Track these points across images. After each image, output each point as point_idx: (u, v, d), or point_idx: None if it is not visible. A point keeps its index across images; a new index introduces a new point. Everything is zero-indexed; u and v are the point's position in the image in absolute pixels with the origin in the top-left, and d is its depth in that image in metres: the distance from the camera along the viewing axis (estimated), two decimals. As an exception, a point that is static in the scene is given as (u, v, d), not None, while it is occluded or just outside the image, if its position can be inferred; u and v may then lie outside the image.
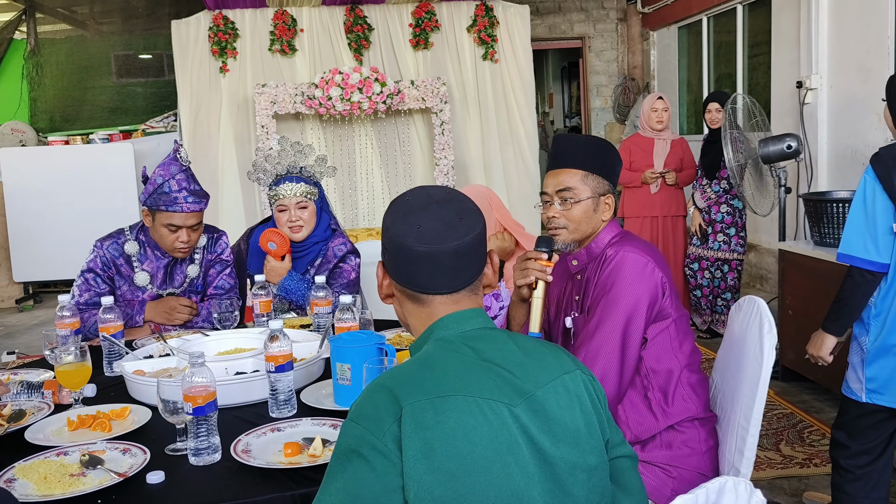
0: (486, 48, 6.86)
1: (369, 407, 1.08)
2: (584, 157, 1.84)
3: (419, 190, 1.27)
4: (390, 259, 1.23)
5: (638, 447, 1.80)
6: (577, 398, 1.17)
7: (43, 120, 7.83)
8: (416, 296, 1.23)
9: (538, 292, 1.73)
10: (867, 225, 2.10)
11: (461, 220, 1.21)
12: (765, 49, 5.93)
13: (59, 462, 1.52)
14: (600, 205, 1.85)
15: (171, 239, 2.54)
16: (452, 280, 1.21)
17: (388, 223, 1.23)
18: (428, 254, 1.18)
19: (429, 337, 1.21)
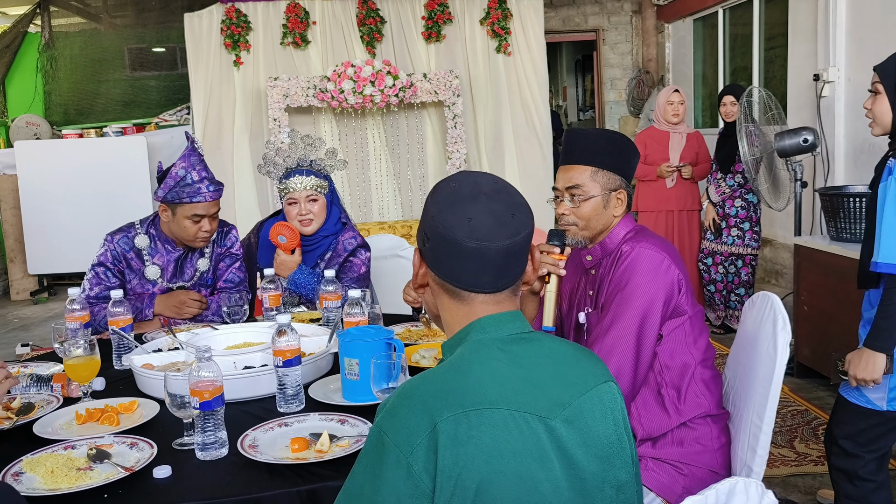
0: (499, 41, 6.82)
1: (400, 417, 1.03)
2: (595, 153, 1.81)
3: (465, 176, 1.19)
4: (432, 249, 1.16)
5: (649, 444, 1.78)
6: (610, 411, 1.13)
7: (57, 113, 7.87)
8: (456, 291, 1.16)
9: (551, 286, 1.70)
10: None
11: (513, 216, 1.14)
12: (781, 42, 5.86)
13: (66, 456, 1.52)
14: (611, 201, 1.82)
15: (195, 230, 2.56)
16: (497, 280, 1.14)
17: (434, 211, 1.14)
18: (477, 250, 1.11)
19: (464, 338, 1.15)
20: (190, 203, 2.52)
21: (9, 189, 7.00)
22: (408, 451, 0.99)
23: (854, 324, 3.54)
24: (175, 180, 2.52)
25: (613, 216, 1.84)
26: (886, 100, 2.06)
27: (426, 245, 1.17)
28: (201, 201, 2.52)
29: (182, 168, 2.52)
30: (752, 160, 4.39)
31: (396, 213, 6.83)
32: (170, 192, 2.52)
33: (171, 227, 2.59)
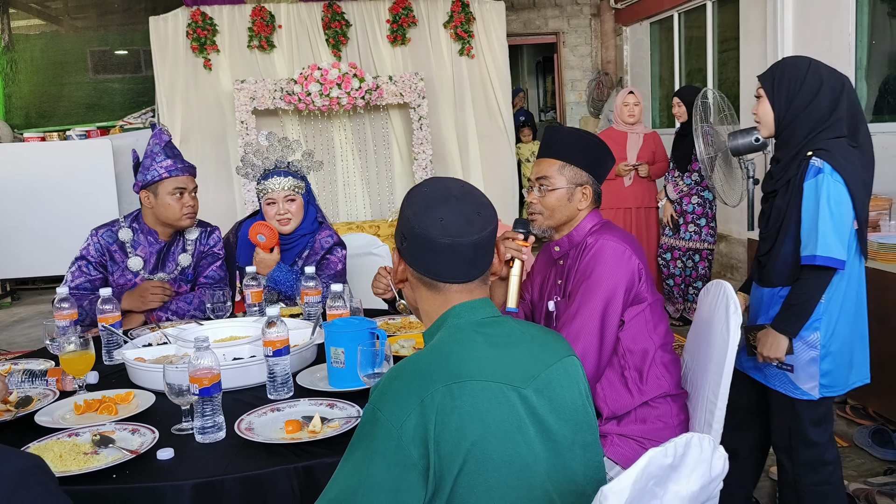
0: (462, 44, 6.96)
1: (390, 395, 1.16)
2: (565, 149, 1.96)
3: (436, 182, 1.36)
4: (410, 248, 1.31)
5: (615, 422, 1.92)
6: (575, 381, 1.29)
7: (18, 116, 7.80)
8: (433, 283, 1.31)
9: (515, 270, 1.84)
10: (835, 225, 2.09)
11: (479, 214, 1.30)
12: (734, 44, 6.10)
13: (71, 442, 1.61)
14: (576, 194, 1.97)
15: (179, 206, 2.68)
16: (469, 271, 1.30)
17: (410, 214, 1.30)
18: (450, 246, 1.27)
19: (442, 324, 1.30)
20: (170, 177, 2.66)
21: (-30, 193, 6.94)
22: (398, 424, 1.12)
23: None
24: (151, 158, 2.66)
25: (578, 209, 1.98)
26: (768, 103, 2.23)
27: (404, 244, 1.32)
28: (179, 175, 2.67)
29: (156, 145, 2.68)
30: (708, 159, 4.59)
31: (365, 214, 6.93)
32: (148, 172, 2.65)
33: (156, 213, 2.69)
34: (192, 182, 2.74)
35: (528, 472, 1.16)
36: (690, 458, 1.03)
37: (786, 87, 2.18)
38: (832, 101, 2.15)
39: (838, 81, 2.19)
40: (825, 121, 2.14)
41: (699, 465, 1.04)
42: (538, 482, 1.17)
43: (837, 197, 2.08)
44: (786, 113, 2.19)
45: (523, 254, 1.84)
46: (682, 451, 1.02)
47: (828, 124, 2.15)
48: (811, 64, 2.20)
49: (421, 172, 6.67)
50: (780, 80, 2.19)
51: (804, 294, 2.12)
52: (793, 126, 2.19)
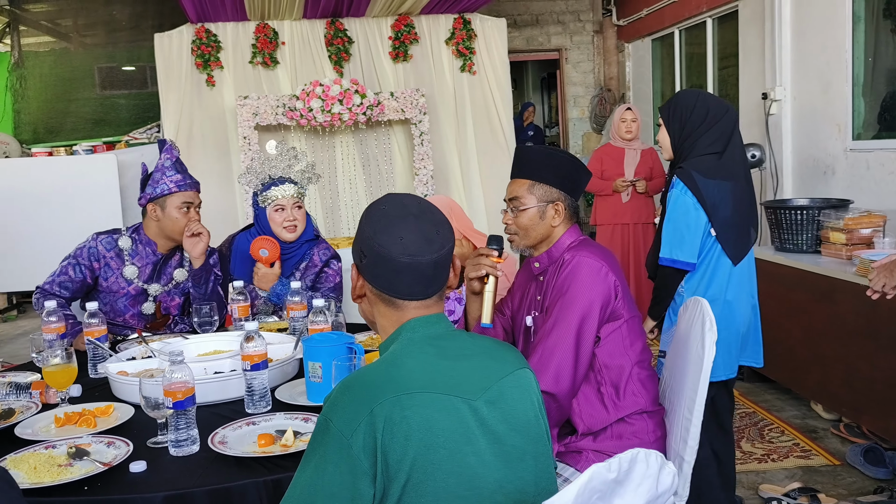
0: (464, 60, 7.01)
1: (341, 405, 1.18)
2: (533, 168, 1.98)
3: (393, 198, 1.37)
4: (369, 265, 1.32)
5: (591, 438, 1.93)
6: (527, 392, 1.30)
7: (27, 132, 7.89)
8: (391, 300, 1.33)
9: (489, 286, 1.86)
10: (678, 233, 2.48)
11: (438, 232, 1.32)
12: (733, 61, 6.12)
13: (47, 454, 1.64)
14: (547, 212, 1.98)
15: (185, 220, 2.75)
16: (427, 288, 1.32)
17: (369, 232, 1.31)
18: (410, 265, 1.29)
19: (397, 338, 1.32)
20: (179, 192, 2.73)
21: (-22, 207, 7.02)
22: (349, 434, 1.14)
23: (795, 329, 3.76)
24: (161, 172, 2.74)
25: (552, 226, 1.99)
26: (665, 130, 2.61)
27: (363, 261, 1.34)
28: (187, 190, 2.75)
29: (168, 160, 2.76)
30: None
31: (365, 229, 6.95)
32: (158, 185, 2.72)
33: (161, 226, 2.75)
34: (197, 197, 2.83)
35: (478, 482, 1.18)
36: (636, 474, 1.05)
37: (678, 116, 2.55)
38: (710, 125, 2.50)
39: (721, 109, 2.54)
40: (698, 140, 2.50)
41: (645, 481, 1.05)
42: (487, 493, 1.18)
43: (684, 208, 2.45)
44: (678, 137, 2.56)
45: (497, 270, 1.86)
46: (627, 467, 1.03)
47: (700, 143, 2.51)
48: (699, 96, 2.58)
49: (422, 188, 6.70)
50: (674, 111, 2.57)
51: (659, 287, 2.56)
52: (683, 148, 2.55)
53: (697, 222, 2.46)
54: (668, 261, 2.49)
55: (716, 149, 2.50)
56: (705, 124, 2.49)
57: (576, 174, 2.00)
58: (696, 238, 2.47)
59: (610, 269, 1.92)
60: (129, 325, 2.83)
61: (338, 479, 1.13)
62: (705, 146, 2.50)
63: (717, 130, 2.51)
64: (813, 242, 3.82)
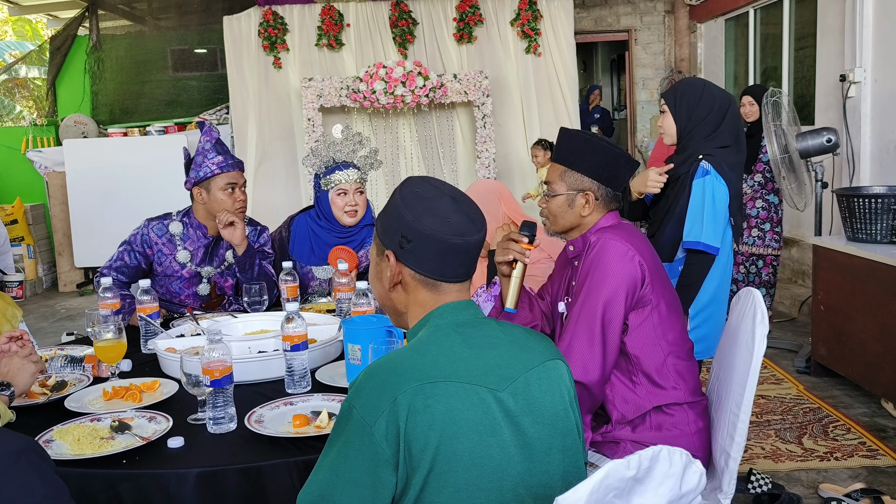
0: (529, 42, 6.92)
1: (365, 392, 1.17)
2: (568, 154, 1.92)
3: (421, 182, 1.33)
4: (415, 249, 1.28)
5: (629, 428, 1.88)
6: (556, 384, 1.26)
7: (104, 112, 8.17)
8: (435, 284, 1.30)
9: (517, 272, 1.82)
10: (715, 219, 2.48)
11: (476, 212, 1.32)
12: (811, 42, 5.85)
13: (92, 427, 1.68)
14: (577, 200, 1.92)
15: (231, 201, 2.76)
16: (469, 269, 1.32)
17: (410, 217, 1.27)
18: (462, 245, 1.27)
19: (425, 324, 1.30)
20: (221, 173, 2.74)
21: (58, 185, 7.32)
22: (371, 421, 1.13)
23: (868, 323, 3.59)
24: (203, 155, 2.76)
25: (581, 215, 1.93)
26: (671, 116, 2.62)
27: (404, 247, 1.29)
28: (230, 171, 2.76)
29: (207, 142, 2.77)
30: (781, 159, 4.40)
31: (426, 211, 6.97)
32: (200, 168, 2.75)
33: (208, 208, 2.78)
34: (241, 177, 2.83)
35: (500, 474, 1.15)
36: (658, 472, 1.00)
37: (686, 104, 2.59)
38: (720, 116, 2.56)
39: (726, 100, 2.60)
40: (714, 131, 2.55)
41: (667, 480, 1.01)
42: (510, 485, 1.16)
43: (720, 196, 2.49)
44: (686, 125, 2.59)
45: (526, 256, 1.82)
46: (648, 465, 0.99)
47: (715, 134, 2.56)
48: (706, 85, 2.64)
49: (484, 171, 6.66)
50: (681, 98, 2.60)
51: (694, 275, 2.50)
52: (690, 135, 2.59)
53: (725, 210, 2.52)
54: (701, 245, 2.47)
55: (728, 141, 2.57)
56: (712, 114, 2.57)
57: (614, 165, 1.92)
58: (722, 225, 2.52)
59: (637, 252, 1.84)
60: (185, 304, 2.89)
61: (359, 465, 1.13)
62: (719, 138, 2.56)
63: (728, 123, 2.58)
64: (888, 232, 3.63)
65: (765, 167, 4.68)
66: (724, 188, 2.50)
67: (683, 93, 2.60)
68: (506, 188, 2.86)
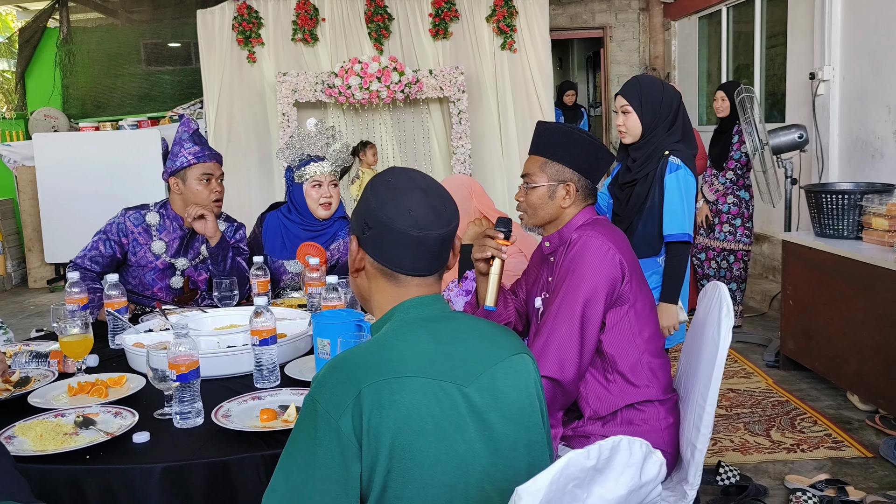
0: (504, 38, 6.92)
1: (329, 386, 1.16)
2: (548, 146, 1.93)
3: (399, 171, 1.32)
4: (374, 237, 1.27)
5: (599, 423, 1.89)
6: (522, 378, 1.26)
7: (75, 106, 8.07)
8: (393, 275, 1.28)
9: (494, 268, 1.82)
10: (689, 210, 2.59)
11: (445, 207, 1.28)
12: (782, 40, 5.92)
13: (55, 423, 1.66)
14: (558, 192, 1.93)
15: (207, 192, 2.76)
16: (431, 265, 1.28)
17: (375, 203, 1.26)
18: (419, 238, 1.24)
19: (390, 318, 1.28)
20: (198, 163, 2.74)
21: (27, 180, 7.22)
22: (336, 415, 1.11)
23: (834, 317, 3.65)
24: (179, 145, 2.76)
25: (561, 207, 1.94)
26: (635, 115, 2.66)
27: (365, 233, 1.29)
28: (206, 161, 2.76)
29: (185, 132, 2.78)
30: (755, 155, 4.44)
31: (402, 207, 6.96)
32: (177, 159, 2.75)
33: (185, 199, 2.77)
34: (218, 168, 2.82)
35: (466, 470, 1.15)
36: (618, 462, 1.01)
37: (650, 103, 2.64)
38: (676, 113, 2.67)
39: (678, 96, 2.70)
40: (671, 127, 2.65)
41: (628, 469, 1.02)
42: (475, 480, 1.16)
43: (692, 188, 2.59)
44: (650, 124, 2.64)
45: (503, 253, 1.82)
46: (608, 455, 1.00)
47: (672, 129, 2.65)
48: (663, 83, 2.71)
49: (459, 166, 6.67)
50: (645, 98, 2.64)
51: (679, 265, 2.57)
52: (653, 133, 2.65)
53: (693, 201, 2.63)
54: (685, 235, 2.55)
55: (680, 136, 2.67)
56: (672, 112, 2.66)
57: (593, 155, 1.94)
58: (693, 214, 2.63)
59: (618, 251, 1.86)
60: (156, 297, 2.87)
61: (329, 461, 1.11)
62: (676, 133, 2.65)
63: (681, 118, 2.68)
64: (854, 228, 3.69)
65: (736, 164, 4.73)
66: (692, 180, 2.60)
67: (646, 92, 2.66)
68: (477, 183, 2.87)
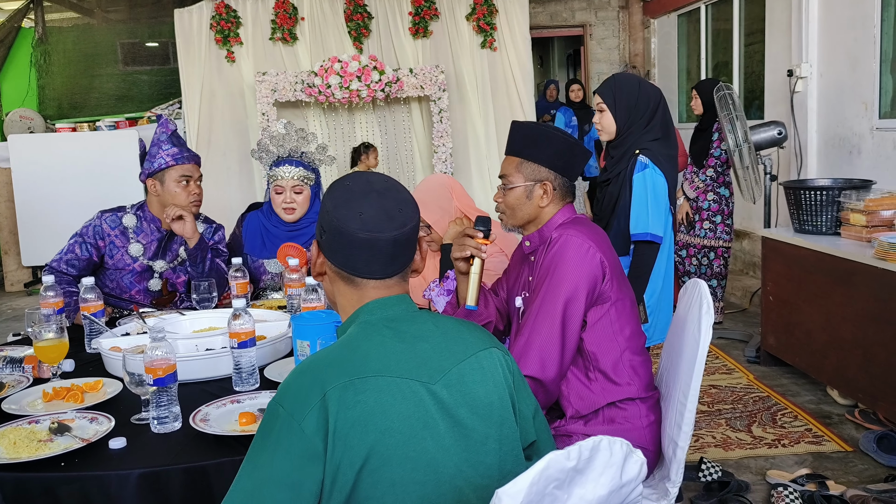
0: (484, 36, 6.92)
1: (293, 390, 1.16)
2: (523, 146, 1.92)
3: (359, 176, 1.33)
4: (329, 240, 1.29)
5: (581, 422, 1.89)
6: (490, 373, 1.26)
7: (51, 107, 7.96)
8: (350, 278, 1.29)
9: (475, 268, 1.82)
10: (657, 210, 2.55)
11: (400, 210, 1.28)
12: (760, 37, 5.96)
13: (29, 429, 1.63)
14: (535, 191, 1.92)
15: (185, 194, 2.72)
16: (387, 267, 1.28)
17: (330, 206, 1.28)
18: (368, 241, 1.24)
19: (355, 320, 1.28)
20: (176, 165, 2.70)
21: (3, 182, 7.12)
22: (300, 417, 1.11)
23: (814, 312, 3.67)
24: (157, 146, 2.72)
25: (539, 206, 1.93)
26: (610, 114, 2.66)
27: (323, 237, 1.30)
28: (184, 163, 2.72)
29: (163, 133, 2.73)
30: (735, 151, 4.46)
31: (383, 206, 6.94)
32: (154, 160, 2.71)
33: (162, 201, 2.73)
34: (196, 170, 2.79)
35: (436, 467, 1.15)
36: (598, 462, 1.01)
37: (625, 101, 2.63)
38: (653, 111, 2.64)
39: (657, 95, 2.69)
40: (647, 124, 2.63)
41: (608, 470, 1.01)
42: (447, 478, 1.15)
43: (660, 187, 2.55)
44: (625, 122, 2.65)
45: (483, 251, 1.81)
46: (588, 455, 0.99)
47: (649, 127, 2.63)
48: (640, 82, 2.72)
49: (441, 165, 6.66)
50: (619, 96, 2.64)
51: (644, 265, 2.56)
52: (628, 131, 2.64)
53: (665, 200, 2.60)
54: (648, 235, 2.55)
55: (660, 134, 2.65)
56: (650, 110, 2.64)
57: (569, 153, 1.93)
58: (664, 214, 2.60)
59: (598, 249, 1.86)
60: (135, 300, 2.83)
61: (287, 463, 1.10)
62: (652, 132, 2.64)
63: (659, 117, 2.66)
64: (833, 224, 3.72)
65: (716, 161, 4.76)
66: (662, 179, 2.57)
67: (621, 90, 2.65)
68: (457, 182, 2.86)
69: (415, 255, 1.33)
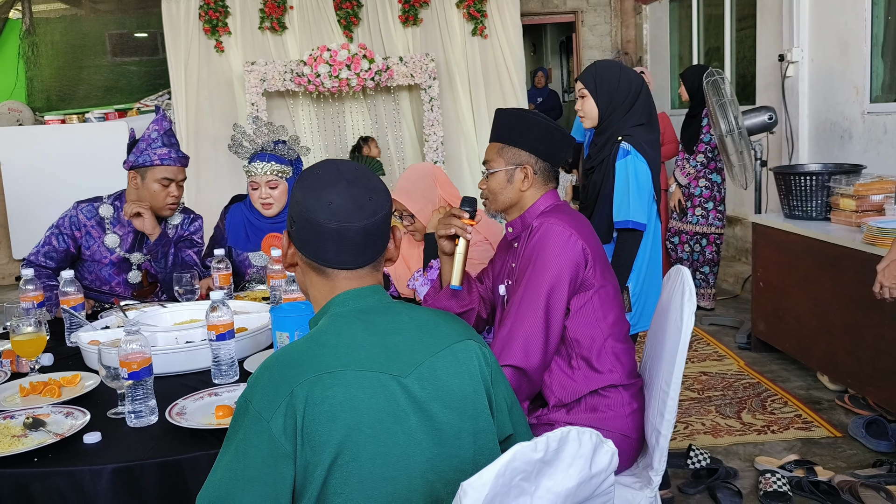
0: (475, 24, 6.87)
1: (261, 386, 1.14)
2: (503, 131, 1.91)
3: (329, 164, 1.29)
4: (298, 231, 1.26)
5: (563, 411, 1.87)
6: (466, 365, 1.23)
7: (39, 99, 7.90)
8: (321, 269, 1.27)
9: (460, 248, 1.81)
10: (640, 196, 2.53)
11: (371, 199, 1.24)
12: (751, 23, 5.92)
13: (3, 425, 1.61)
14: (515, 175, 1.91)
15: (163, 195, 2.69)
16: (358, 257, 1.25)
17: (299, 196, 1.25)
18: (337, 231, 1.22)
19: (326, 312, 1.26)
20: (161, 165, 2.66)
21: (-9, 175, 7.07)
22: (268, 416, 1.09)
23: (803, 298, 3.66)
24: (147, 143, 2.68)
25: (520, 191, 1.92)
26: (592, 100, 2.65)
27: (293, 228, 1.27)
28: (170, 165, 2.67)
29: (155, 131, 2.69)
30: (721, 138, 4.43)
31: (375, 196, 6.91)
32: (141, 155, 2.66)
33: (140, 195, 2.70)
34: (181, 173, 2.75)
35: (408, 461, 1.13)
36: (567, 454, 0.99)
37: (606, 86, 2.63)
38: (635, 97, 2.63)
39: (639, 81, 2.68)
40: (629, 110, 2.62)
41: (577, 461, 1.00)
42: (419, 472, 1.14)
43: (643, 173, 2.53)
44: (607, 108, 2.63)
45: (468, 232, 1.80)
46: (556, 446, 0.97)
47: (631, 113, 2.62)
48: (622, 68, 2.72)
49: (432, 154, 6.62)
50: (600, 82, 2.64)
51: (626, 252, 2.54)
52: (610, 117, 2.64)
53: (648, 187, 2.57)
54: (630, 223, 2.52)
55: (643, 120, 2.64)
56: (631, 96, 2.63)
57: (549, 138, 1.92)
58: (647, 201, 2.57)
59: (580, 237, 1.85)
60: (115, 293, 2.81)
61: (258, 462, 1.09)
62: (634, 117, 2.63)
63: (641, 102, 2.66)
64: (823, 209, 3.70)
65: (706, 147, 4.74)
66: (644, 166, 2.55)
67: (602, 75, 2.65)
68: (442, 171, 2.83)
69: (388, 245, 1.30)
